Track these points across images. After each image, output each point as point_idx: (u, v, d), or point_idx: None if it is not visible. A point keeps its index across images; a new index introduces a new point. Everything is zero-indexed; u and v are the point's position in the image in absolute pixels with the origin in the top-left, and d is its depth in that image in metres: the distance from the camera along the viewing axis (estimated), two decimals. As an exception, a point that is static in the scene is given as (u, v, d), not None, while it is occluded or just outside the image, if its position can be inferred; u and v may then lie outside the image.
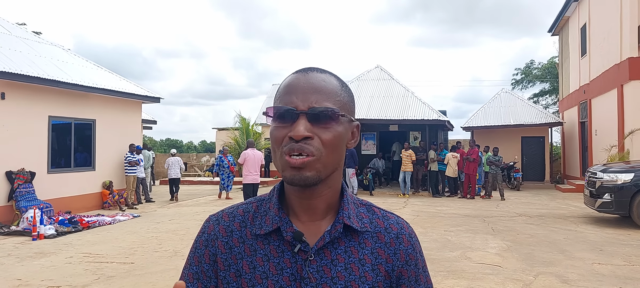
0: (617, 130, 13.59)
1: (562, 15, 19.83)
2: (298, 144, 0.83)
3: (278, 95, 0.90)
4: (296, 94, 0.86)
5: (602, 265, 6.07)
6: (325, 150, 0.85)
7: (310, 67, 0.92)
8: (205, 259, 0.92)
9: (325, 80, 0.89)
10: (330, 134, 0.85)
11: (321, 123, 0.85)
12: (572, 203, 12.73)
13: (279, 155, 0.86)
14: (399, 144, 18.34)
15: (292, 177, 0.84)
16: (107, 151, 12.33)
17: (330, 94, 0.87)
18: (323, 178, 0.86)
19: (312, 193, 0.89)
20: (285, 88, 0.89)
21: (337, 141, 0.87)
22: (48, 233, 8.21)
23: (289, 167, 0.84)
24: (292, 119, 0.85)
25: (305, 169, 0.83)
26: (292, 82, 0.88)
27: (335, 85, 0.90)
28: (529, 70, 33.38)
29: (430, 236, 8.09)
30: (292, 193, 0.91)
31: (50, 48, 12.76)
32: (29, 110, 10.16)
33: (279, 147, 0.86)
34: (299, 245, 0.87)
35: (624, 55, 13.19)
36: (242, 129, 18.83)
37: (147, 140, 35.36)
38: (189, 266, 0.94)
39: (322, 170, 0.85)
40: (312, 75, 0.89)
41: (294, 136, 0.83)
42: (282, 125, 0.86)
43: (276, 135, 0.87)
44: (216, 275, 0.91)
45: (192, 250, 0.95)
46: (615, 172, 9.03)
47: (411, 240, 0.96)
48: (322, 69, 0.92)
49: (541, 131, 20.06)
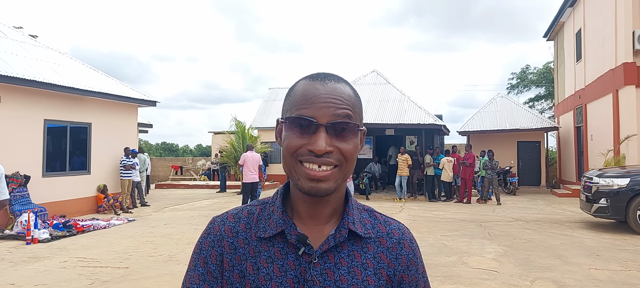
0: (612, 135, 13.65)
1: (557, 20, 19.94)
2: (320, 158, 0.83)
3: (294, 102, 0.88)
4: (315, 105, 0.85)
5: (598, 271, 6.08)
6: (345, 160, 0.86)
7: (326, 74, 0.91)
8: (211, 260, 0.91)
9: (343, 90, 0.88)
10: (350, 146, 0.86)
11: (341, 136, 0.86)
12: (568, 208, 12.75)
13: (294, 163, 0.86)
14: (395, 148, 18.36)
15: (310, 188, 0.85)
16: (103, 155, 12.27)
17: (347, 105, 0.87)
18: (338, 188, 0.88)
19: (322, 200, 0.90)
20: (303, 97, 0.87)
21: (355, 152, 0.88)
22: (42, 237, 8.15)
23: (307, 178, 0.84)
24: (312, 130, 0.84)
25: (325, 182, 0.84)
26: (309, 91, 0.87)
27: (350, 95, 0.89)
28: (525, 75, 33.56)
29: (427, 241, 8.07)
30: (299, 198, 0.91)
31: (47, 51, 12.71)
32: (25, 113, 10.10)
33: (293, 156, 0.86)
34: (303, 248, 0.88)
35: (619, 60, 13.26)
36: (239, 133, 18.80)
37: (143, 143, 35.28)
38: (193, 268, 0.92)
39: (341, 181, 0.87)
40: (330, 86, 0.88)
41: (315, 151, 0.83)
42: (300, 136, 0.85)
43: (293, 145, 0.86)
44: (222, 275, 0.91)
45: (196, 251, 0.94)
46: (611, 177, 9.06)
47: (412, 246, 0.98)
48: (337, 75, 0.92)
49: (537, 136, 20.14)
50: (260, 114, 25.88)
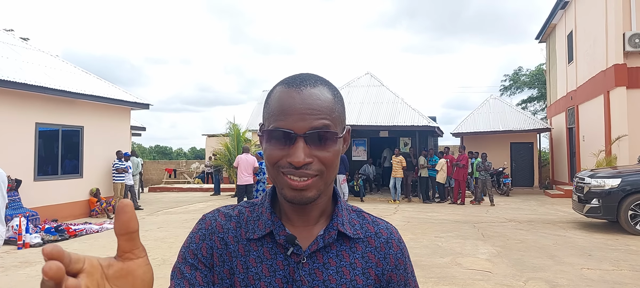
0: (604, 135, 13.76)
1: (549, 22, 20.09)
2: (299, 169, 0.83)
3: (271, 112, 0.87)
4: (292, 115, 0.83)
5: (591, 270, 6.12)
6: (325, 168, 0.85)
7: (302, 78, 0.88)
8: (202, 252, 0.90)
9: (320, 96, 0.86)
10: (330, 153, 0.85)
11: (320, 144, 0.84)
12: (560, 209, 12.83)
13: (276, 174, 0.86)
14: (390, 149, 18.38)
15: (293, 197, 0.85)
16: (95, 158, 12.19)
17: (326, 112, 0.85)
18: (322, 193, 0.88)
19: (308, 205, 0.90)
20: (279, 107, 0.85)
21: (336, 159, 0.87)
22: (34, 242, 8.08)
23: (289, 188, 0.84)
24: (290, 141, 0.83)
25: (307, 191, 0.84)
26: (285, 100, 0.85)
27: (329, 100, 0.87)
28: (517, 77, 33.76)
29: (421, 242, 8.09)
30: (286, 203, 0.91)
31: (38, 54, 12.62)
32: (16, 116, 10.02)
33: (275, 167, 0.86)
34: (292, 248, 0.88)
35: (609, 62, 13.39)
36: (233, 136, 18.74)
37: (136, 147, 35.09)
38: (183, 261, 0.90)
39: (323, 187, 0.87)
40: (306, 92, 0.85)
41: (294, 163, 0.82)
42: (278, 147, 0.84)
43: (273, 156, 0.85)
44: (212, 267, 0.90)
45: (186, 244, 0.93)
46: (602, 178, 9.13)
47: (400, 245, 0.98)
48: (314, 77, 0.89)
49: (530, 137, 20.26)
50: (255, 116, 25.85)
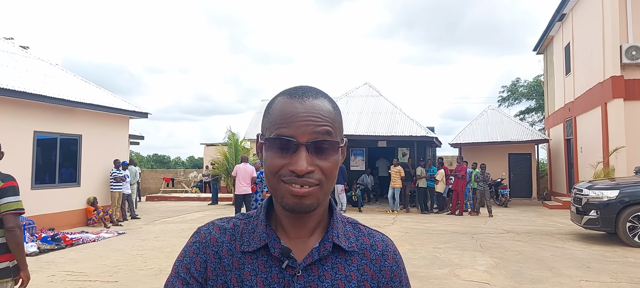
0: (601, 147, 13.80)
1: (546, 34, 20.22)
2: (301, 178, 0.84)
3: (273, 121, 0.88)
4: (295, 124, 0.85)
5: (589, 282, 6.10)
6: (325, 178, 0.87)
7: (304, 90, 0.91)
8: (195, 266, 0.91)
9: (322, 107, 0.88)
10: (330, 163, 0.87)
11: (321, 154, 0.86)
12: (559, 220, 12.82)
13: (277, 183, 0.87)
14: (384, 160, 18.37)
15: (294, 205, 0.86)
16: (93, 167, 12.16)
17: (327, 122, 0.87)
18: (320, 203, 0.89)
19: (305, 215, 0.90)
20: (281, 116, 0.87)
21: (335, 169, 0.89)
22: (30, 250, 8.01)
23: (290, 195, 0.85)
24: (292, 150, 0.85)
25: (307, 198, 0.85)
26: (288, 110, 0.87)
27: (330, 111, 0.89)
28: (515, 88, 33.90)
29: (419, 253, 8.07)
30: (283, 213, 0.92)
31: (37, 63, 12.63)
32: (14, 124, 10.00)
33: (275, 175, 0.87)
34: (287, 261, 0.88)
35: (607, 73, 13.46)
36: (231, 145, 18.73)
37: (134, 155, 35.02)
38: (175, 275, 0.91)
39: (322, 197, 0.88)
40: (308, 103, 0.88)
41: (297, 171, 0.83)
42: (280, 156, 0.86)
43: (274, 165, 0.86)
44: (205, 283, 0.90)
45: (180, 258, 0.93)
46: (600, 189, 9.13)
47: (396, 258, 0.99)
48: (315, 90, 0.92)
49: (528, 148, 20.29)
50: (253, 126, 25.90)
